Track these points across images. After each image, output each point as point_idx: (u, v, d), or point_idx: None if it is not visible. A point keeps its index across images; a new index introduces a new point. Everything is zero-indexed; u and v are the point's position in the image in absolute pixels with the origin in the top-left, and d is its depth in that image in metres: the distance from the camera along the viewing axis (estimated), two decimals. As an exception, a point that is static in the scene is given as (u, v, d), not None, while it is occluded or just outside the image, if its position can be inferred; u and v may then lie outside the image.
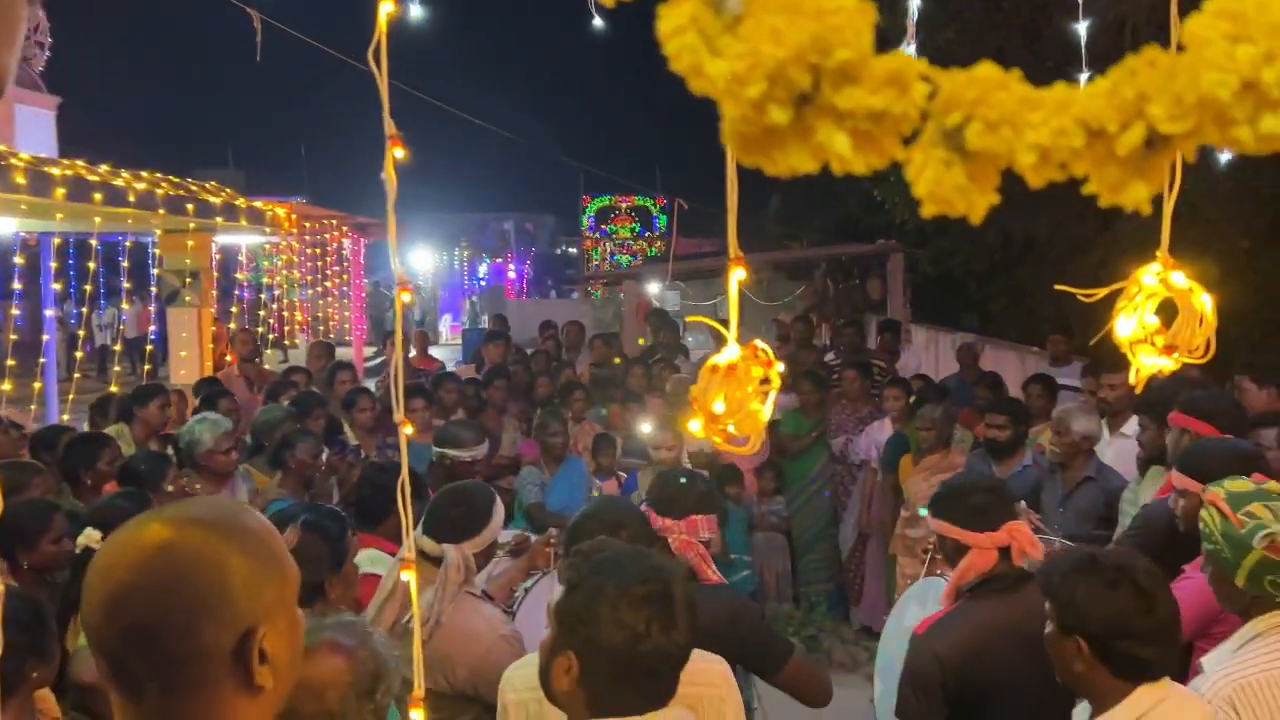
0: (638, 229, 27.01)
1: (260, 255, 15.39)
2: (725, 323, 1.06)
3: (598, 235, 27.23)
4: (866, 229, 17.14)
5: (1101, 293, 1.14)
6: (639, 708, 1.74)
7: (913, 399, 6.88)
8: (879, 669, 3.50)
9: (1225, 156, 6.78)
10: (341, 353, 10.57)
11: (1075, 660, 2.14)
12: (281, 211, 10.87)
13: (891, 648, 3.39)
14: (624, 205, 27.02)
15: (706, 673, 2.32)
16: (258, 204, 10.47)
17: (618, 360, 8.84)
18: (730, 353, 1.02)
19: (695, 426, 1.04)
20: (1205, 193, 9.62)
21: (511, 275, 34.62)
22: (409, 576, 1.47)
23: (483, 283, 33.02)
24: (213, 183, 10.35)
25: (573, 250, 37.96)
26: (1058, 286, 1.48)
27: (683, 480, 3.02)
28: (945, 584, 3.18)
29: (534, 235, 41.83)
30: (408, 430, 1.48)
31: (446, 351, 24.97)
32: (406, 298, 1.46)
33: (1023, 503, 4.45)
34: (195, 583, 1.13)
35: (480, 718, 2.78)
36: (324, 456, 5.60)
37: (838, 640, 6.78)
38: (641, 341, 10.92)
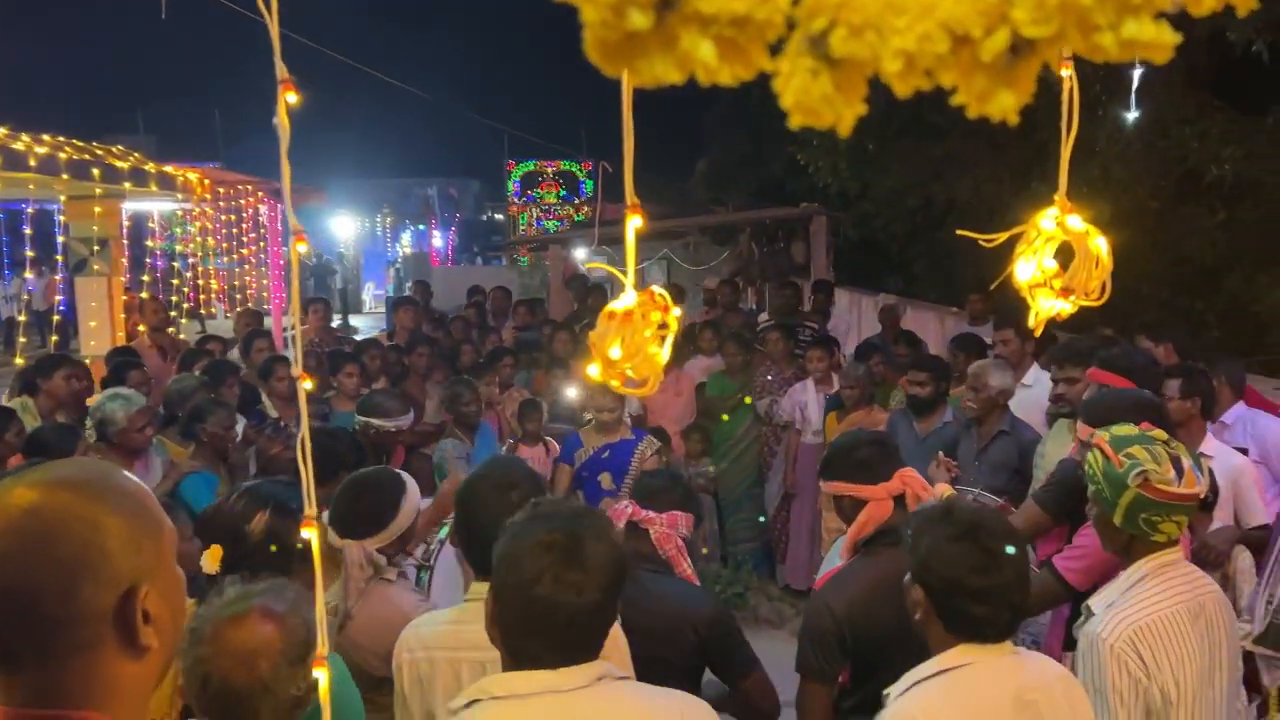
0: (564, 194, 26.74)
1: (174, 223, 14.93)
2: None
3: (523, 201, 26.87)
4: (792, 193, 17.24)
5: (1002, 238, 1.15)
6: (544, 659, 1.73)
7: (844, 359, 6.99)
8: None
9: (1133, 115, 6.95)
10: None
11: (917, 608, 2.15)
12: (194, 177, 10.53)
13: None
14: (549, 170, 26.72)
15: None
16: (168, 169, 10.13)
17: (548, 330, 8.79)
18: (628, 299, 1.00)
19: (593, 371, 1.02)
20: (1117, 155, 9.88)
21: (436, 242, 34.17)
22: (310, 535, 1.44)
23: (407, 250, 32.56)
24: (119, 147, 9.97)
25: (499, 216, 37.52)
26: (960, 233, 1.49)
27: (669, 479, 3.19)
28: None
29: (458, 201, 41.31)
30: (307, 386, 1.43)
31: (370, 320, 24.62)
32: (303, 248, 1.40)
33: (940, 453, 4.56)
34: (69, 543, 1.09)
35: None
36: (239, 428, 5.48)
37: (764, 597, 6.88)
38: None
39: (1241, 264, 8.54)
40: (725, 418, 7.34)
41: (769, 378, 7.37)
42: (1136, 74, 6.09)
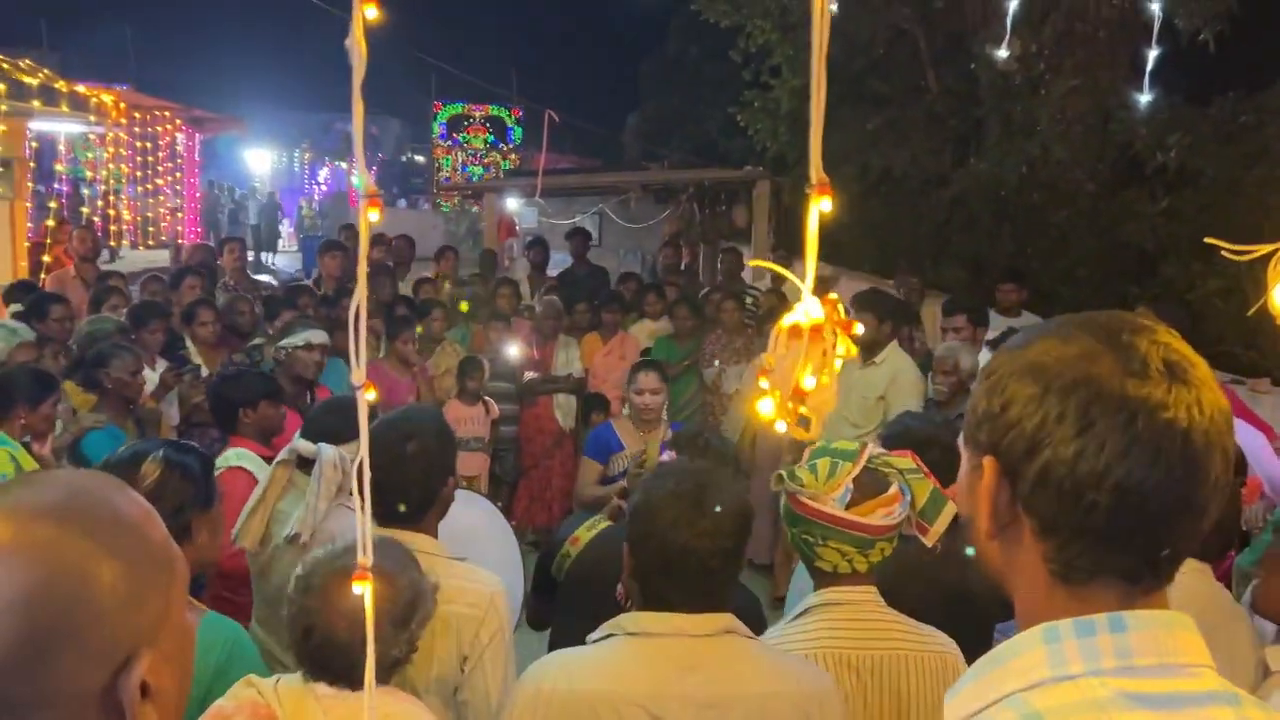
0: (491, 139, 26.01)
1: (79, 147, 14.03)
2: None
3: (449, 144, 26.07)
4: (726, 153, 17.03)
5: (1260, 252, 0.95)
6: (676, 603, 1.83)
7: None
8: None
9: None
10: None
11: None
12: (109, 98, 9.84)
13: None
14: (477, 114, 25.87)
15: (472, 593, 2.27)
16: (80, 89, 9.43)
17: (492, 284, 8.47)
18: (812, 309, 0.78)
19: (766, 408, 0.79)
20: (1059, 136, 9.90)
21: (355, 181, 33.11)
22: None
23: (323, 187, 31.53)
24: (27, 61, 9.23)
25: (419, 158, 36.55)
26: (1209, 240, 1.30)
27: (702, 426, 3.08)
28: None
29: (379, 140, 40.11)
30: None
31: (285, 259, 23.79)
32: (374, 215, 1.14)
33: None
34: (50, 602, 0.80)
35: None
36: (155, 374, 5.11)
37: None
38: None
39: (1179, 252, 8.62)
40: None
41: (718, 345, 7.22)
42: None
